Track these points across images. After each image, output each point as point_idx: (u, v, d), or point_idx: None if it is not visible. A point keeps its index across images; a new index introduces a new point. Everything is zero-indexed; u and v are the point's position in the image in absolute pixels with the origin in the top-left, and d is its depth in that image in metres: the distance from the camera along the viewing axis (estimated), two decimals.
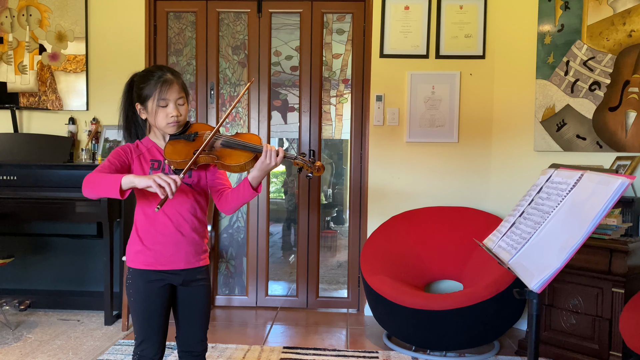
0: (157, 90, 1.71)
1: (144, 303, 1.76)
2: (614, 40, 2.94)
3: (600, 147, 2.99)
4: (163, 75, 1.73)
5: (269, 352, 2.93)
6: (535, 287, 1.47)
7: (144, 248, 1.75)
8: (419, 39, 3.54)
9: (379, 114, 3.57)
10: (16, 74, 3.75)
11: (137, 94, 1.76)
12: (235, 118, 3.80)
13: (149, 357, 1.78)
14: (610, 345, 2.54)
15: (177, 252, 1.76)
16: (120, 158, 1.73)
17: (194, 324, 1.83)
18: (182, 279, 1.79)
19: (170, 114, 1.72)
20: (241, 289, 3.84)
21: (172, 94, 1.72)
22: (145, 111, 1.75)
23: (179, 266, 1.77)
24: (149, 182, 1.55)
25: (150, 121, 1.77)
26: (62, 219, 3.34)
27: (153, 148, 1.80)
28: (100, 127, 3.66)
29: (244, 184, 1.76)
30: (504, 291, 2.68)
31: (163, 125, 1.74)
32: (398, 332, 2.94)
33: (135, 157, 1.76)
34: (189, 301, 1.82)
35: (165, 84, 1.71)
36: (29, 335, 3.11)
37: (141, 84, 1.75)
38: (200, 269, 1.82)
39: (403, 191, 3.60)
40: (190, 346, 1.84)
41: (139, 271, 1.76)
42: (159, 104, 1.72)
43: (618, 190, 1.38)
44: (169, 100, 1.72)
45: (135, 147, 1.79)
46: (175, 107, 1.73)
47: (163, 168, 1.76)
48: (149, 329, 1.77)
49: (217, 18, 3.73)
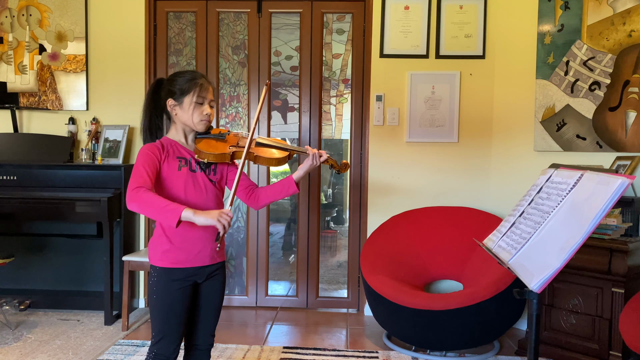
0: (197, 88, 1.80)
1: (167, 301, 1.79)
2: (614, 40, 2.94)
3: (600, 147, 2.99)
4: (201, 77, 1.84)
5: (269, 352, 2.93)
6: (535, 287, 1.47)
7: (172, 247, 1.79)
8: (419, 39, 3.54)
9: (379, 114, 3.57)
10: (16, 74, 3.75)
11: (170, 90, 1.82)
12: (235, 118, 3.80)
13: (165, 356, 1.80)
14: (610, 345, 2.54)
15: (204, 249, 1.82)
16: (153, 163, 1.75)
17: (209, 318, 1.89)
18: (205, 275, 1.85)
19: (205, 112, 1.83)
20: (241, 289, 3.84)
21: (208, 94, 1.84)
22: (180, 106, 1.82)
23: (204, 262, 1.83)
24: (213, 222, 1.62)
25: (182, 117, 1.82)
26: (62, 219, 3.34)
27: (177, 145, 1.85)
28: (100, 127, 3.66)
29: (288, 182, 1.91)
30: (504, 291, 2.68)
31: (197, 122, 1.82)
32: (398, 332, 2.94)
33: (164, 156, 1.80)
34: (207, 296, 1.88)
35: (203, 85, 1.82)
36: (29, 335, 3.11)
37: (180, 80, 1.82)
38: (220, 264, 1.90)
39: (403, 191, 3.60)
40: (200, 340, 1.89)
41: (166, 270, 1.79)
42: (197, 100, 1.80)
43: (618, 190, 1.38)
44: (205, 99, 1.83)
45: (160, 145, 1.81)
46: (209, 107, 1.85)
47: (190, 164, 1.83)
48: (168, 328, 1.80)
49: (217, 18, 3.73)
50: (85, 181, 3.41)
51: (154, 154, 1.77)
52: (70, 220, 3.37)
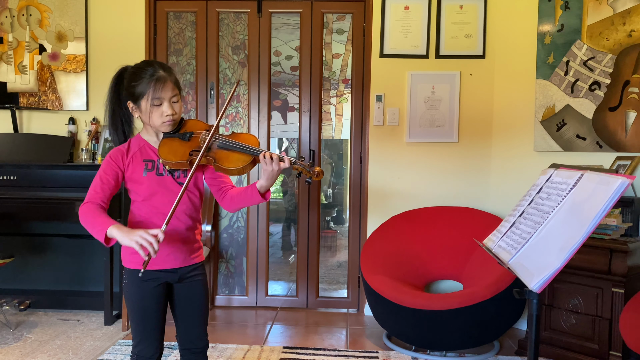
0: (151, 89, 1.65)
1: (139, 303, 1.76)
2: (614, 40, 2.94)
3: (600, 147, 2.99)
4: (155, 72, 1.67)
5: (269, 352, 2.93)
6: (535, 287, 1.47)
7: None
8: (419, 39, 3.54)
9: (379, 114, 3.57)
10: (16, 74, 3.75)
11: (129, 92, 1.70)
12: (235, 118, 3.80)
13: (146, 357, 1.78)
14: (610, 345, 2.54)
15: (173, 252, 1.76)
16: (112, 171, 1.70)
17: (193, 320, 1.83)
18: (177, 277, 1.79)
19: (166, 113, 1.68)
20: (241, 289, 3.84)
21: (166, 92, 1.67)
22: (139, 110, 1.71)
23: (174, 265, 1.77)
24: (131, 243, 1.54)
25: (144, 120, 1.73)
26: (62, 219, 3.33)
27: (145, 147, 1.76)
28: (100, 127, 3.66)
29: (252, 190, 1.73)
30: (504, 291, 2.68)
31: (158, 125, 1.70)
32: (398, 332, 2.94)
33: (129, 161, 1.72)
34: (186, 298, 1.82)
35: (158, 82, 1.65)
36: (29, 335, 3.11)
37: (133, 82, 1.68)
38: (195, 266, 1.82)
39: (403, 191, 3.60)
40: (191, 343, 1.84)
41: (135, 271, 1.74)
42: (153, 102, 1.67)
43: (618, 190, 1.38)
44: (164, 98, 1.67)
45: (126, 149, 1.74)
46: (170, 106, 1.68)
47: (157, 168, 1.73)
48: (145, 329, 1.77)
49: (217, 18, 3.73)
50: (85, 181, 3.38)
51: (115, 161, 1.71)
52: (70, 220, 3.36)
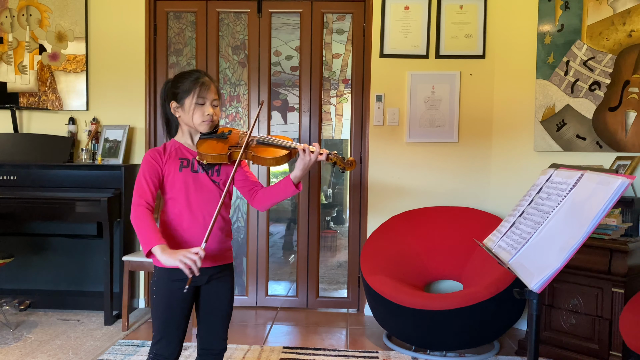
0: (197, 89, 1.79)
1: (167, 301, 1.79)
2: (614, 40, 2.94)
3: (600, 147, 2.99)
4: (201, 76, 1.82)
5: (269, 352, 2.93)
6: (535, 287, 1.47)
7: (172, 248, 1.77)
8: (419, 39, 3.54)
9: (379, 114, 3.57)
10: (16, 74, 3.75)
11: (173, 92, 1.82)
12: (235, 118, 3.80)
13: (164, 356, 1.79)
14: (610, 345, 2.54)
15: (205, 251, 1.79)
16: (154, 169, 1.78)
17: (216, 321, 1.87)
18: (207, 277, 1.82)
19: (207, 112, 1.80)
20: (241, 289, 3.83)
21: (209, 94, 1.81)
22: (182, 108, 1.81)
23: (205, 265, 1.78)
24: (176, 263, 1.61)
25: (185, 119, 1.83)
26: (62, 219, 3.34)
27: (181, 148, 1.85)
28: (100, 127, 3.65)
29: (285, 182, 1.84)
30: (504, 291, 2.68)
31: (198, 123, 1.81)
32: (398, 332, 2.94)
33: (166, 159, 1.81)
34: (212, 298, 1.85)
35: (204, 84, 1.80)
36: (29, 335, 3.11)
37: (178, 83, 1.82)
38: (225, 266, 1.87)
39: (403, 191, 3.60)
40: (211, 344, 1.88)
41: (166, 270, 1.77)
42: (197, 101, 1.79)
43: (618, 190, 1.38)
44: (207, 99, 1.80)
45: (163, 149, 1.84)
46: (212, 107, 1.82)
47: (192, 165, 1.82)
48: (168, 328, 1.79)
49: (217, 18, 3.73)
50: (85, 181, 3.41)
51: (154, 159, 1.80)
52: (70, 220, 3.36)
